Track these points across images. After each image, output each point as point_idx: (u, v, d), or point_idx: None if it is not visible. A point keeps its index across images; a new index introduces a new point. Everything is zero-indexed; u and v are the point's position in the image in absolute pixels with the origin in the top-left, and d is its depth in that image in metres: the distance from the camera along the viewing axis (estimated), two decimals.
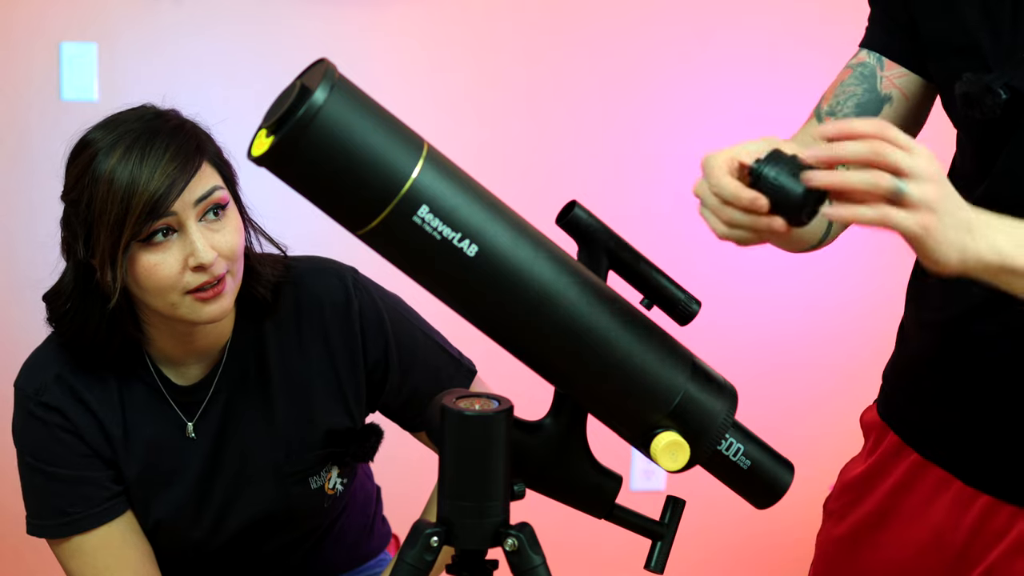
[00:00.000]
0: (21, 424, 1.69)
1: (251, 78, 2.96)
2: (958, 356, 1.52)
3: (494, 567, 1.35)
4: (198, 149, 1.59)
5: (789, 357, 3.27)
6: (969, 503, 1.54)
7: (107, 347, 1.64)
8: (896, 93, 1.54)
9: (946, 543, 1.57)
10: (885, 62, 1.54)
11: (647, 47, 3.16)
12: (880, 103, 1.54)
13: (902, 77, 1.54)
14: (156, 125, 1.58)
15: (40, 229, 1.76)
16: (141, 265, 1.56)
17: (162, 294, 1.57)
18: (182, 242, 1.56)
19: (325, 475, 1.76)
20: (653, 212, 3.18)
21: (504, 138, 3.14)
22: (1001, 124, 1.41)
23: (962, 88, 1.41)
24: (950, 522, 1.56)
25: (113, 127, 1.59)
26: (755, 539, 3.28)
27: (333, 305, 1.71)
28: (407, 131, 1.20)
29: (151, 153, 1.55)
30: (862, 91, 1.54)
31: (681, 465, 1.29)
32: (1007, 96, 1.38)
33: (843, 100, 1.55)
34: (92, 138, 1.59)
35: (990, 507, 1.53)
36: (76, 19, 2.97)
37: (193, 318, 1.59)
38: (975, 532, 1.54)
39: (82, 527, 1.67)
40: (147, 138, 1.56)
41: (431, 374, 1.76)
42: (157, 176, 1.53)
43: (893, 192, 1.18)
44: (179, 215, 1.56)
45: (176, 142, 1.57)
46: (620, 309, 1.27)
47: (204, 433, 1.71)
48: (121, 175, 1.54)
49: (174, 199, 1.54)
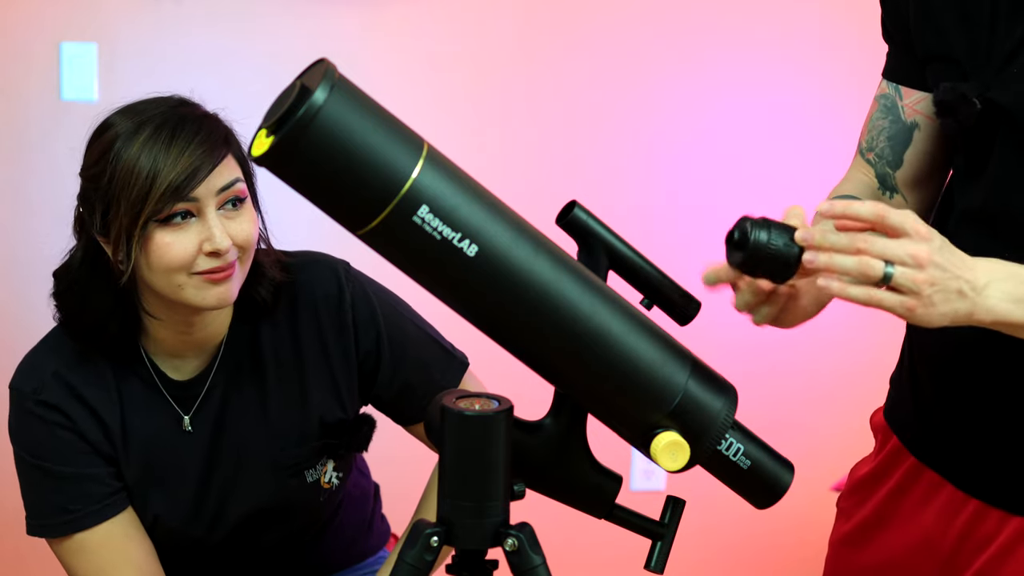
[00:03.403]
0: (19, 424, 1.69)
1: (251, 78, 2.96)
2: (952, 364, 1.52)
3: (494, 567, 1.35)
4: (225, 140, 1.62)
5: (789, 357, 3.27)
6: (959, 507, 1.55)
7: (105, 329, 1.65)
8: (921, 119, 1.55)
9: (936, 547, 1.57)
10: (903, 90, 1.56)
11: (647, 47, 3.16)
12: (909, 131, 1.56)
13: (920, 102, 1.54)
14: (184, 112, 1.61)
15: (40, 229, 1.76)
16: (155, 243, 1.57)
17: (170, 274, 1.58)
18: (200, 227, 1.58)
19: (320, 468, 1.76)
20: (653, 212, 3.18)
21: (504, 138, 3.14)
22: (981, 133, 1.43)
23: (938, 96, 1.44)
24: (940, 526, 1.57)
25: (139, 111, 1.61)
26: (755, 539, 3.28)
27: (326, 297, 1.72)
28: (407, 131, 1.20)
29: (181, 136, 1.57)
30: (889, 123, 1.57)
31: (681, 465, 1.29)
32: (981, 107, 1.40)
33: (876, 135, 1.58)
34: (115, 120, 1.61)
35: (979, 511, 1.53)
36: (76, 19, 2.97)
37: (197, 301, 1.60)
38: (964, 536, 1.54)
39: (84, 524, 1.68)
40: (176, 121, 1.59)
41: (423, 366, 1.77)
42: (185, 159, 1.56)
43: (882, 279, 1.24)
44: (200, 201, 1.57)
45: (205, 129, 1.60)
46: (620, 309, 1.27)
47: (201, 427, 1.72)
48: (148, 154, 1.56)
49: (198, 183, 1.56)
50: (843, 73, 3.09)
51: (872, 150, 1.58)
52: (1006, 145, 1.41)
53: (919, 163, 1.56)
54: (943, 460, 1.56)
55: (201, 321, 1.66)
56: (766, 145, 3.20)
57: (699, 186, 3.20)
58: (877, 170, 1.59)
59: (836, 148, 2.25)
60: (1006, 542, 1.51)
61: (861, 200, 1.33)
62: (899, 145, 1.56)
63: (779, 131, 3.20)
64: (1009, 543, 1.51)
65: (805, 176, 3.11)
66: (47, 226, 1.70)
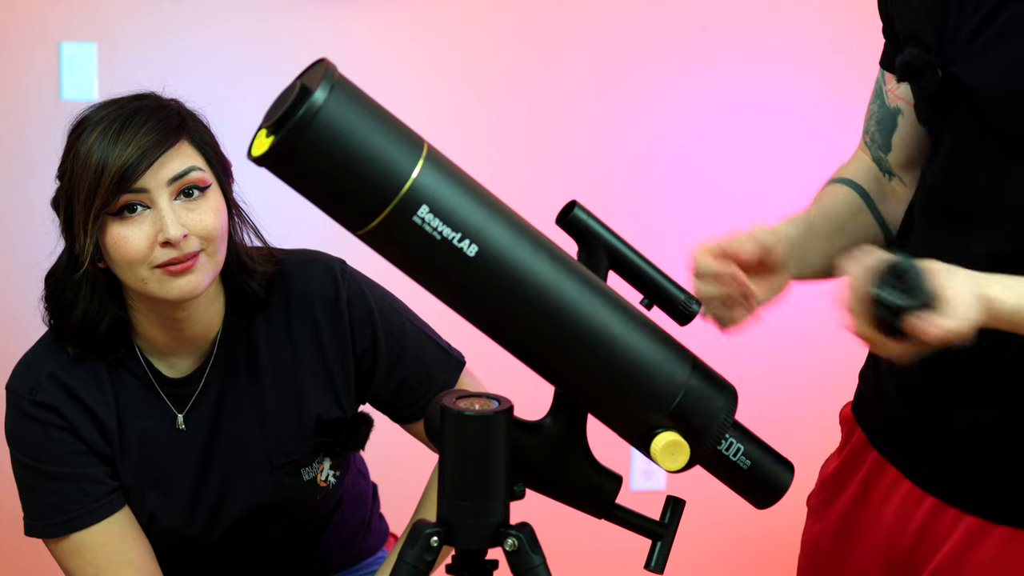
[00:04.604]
0: (15, 425, 1.69)
1: (251, 78, 2.96)
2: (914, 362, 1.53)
3: (494, 567, 1.34)
4: (178, 128, 1.60)
5: (790, 357, 3.27)
6: (917, 504, 1.55)
7: (95, 328, 1.65)
8: (902, 104, 1.58)
9: (895, 544, 1.57)
10: (887, 76, 1.59)
11: (648, 47, 3.16)
12: (894, 117, 1.59)
13: (900, 88, 1.57)
14: (138, 104, 1.61)
15: (40, 229, 1.76)
16: (111, 236, 1.58)
17: (131, 267, 1.58)
18: (153, 218, 1.58)
19: (317, 467, 1.76)
20: (654, 212, 3.18)
21: (504, 138, 3.14)
22: (941, 110, 1.45)
23: (903, 59, 1.46)
24: (899, 522, 1.57)
25: (106, 107, 1.62)
26: (755, 539, 3.28)
27: (322, 295, 1.71)
28: (407, 131, 1.20)
29: (129, 128, 1.57)
30: (877, 108, 1.61)
31: (681, 465, 1.29)
32: (942, 77, 1.42)
33: (869, 119, 1.63)
34: (85, 116, 1.63)
35: (935, 509, 1.53)
36: (76, 19, 2.97)
37: (162, 294, 1.59)
38: (921, 533, 1.55)
39: (81, 524, 1.68)
40: (128, 113, 1.59)
41: (420, 364, 1.77)
42: (130, 149, 1.56)
43: None
44: (151, 192, 1.57)
45: (155, 118, 1.59)
46: (620, 309, 1.27)
47: (195, 425, 1.71)
48: (97, 148, 1.57)
49: (143, 171, 1.56)
50: (848, 71, 3.09)
51: (867, 134, 1.63)
52: (960, 121, 1.44)
53: (907, 146, 1.60)
54: (902, 456, 1.57)
55: (188, 317, 1.66)
56: (767, 143, 3.20)
57: (699, 186, 3.20)
58: (872, 154, 1.63)
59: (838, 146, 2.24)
60: (960, 542, 1.51)
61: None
62: (886, 130, 1.60)
63: (781, 129, 3.20)
64: (963, 543, 1.51)
65: (806, 174, 3.10)
66: (47, 226, 1.70)
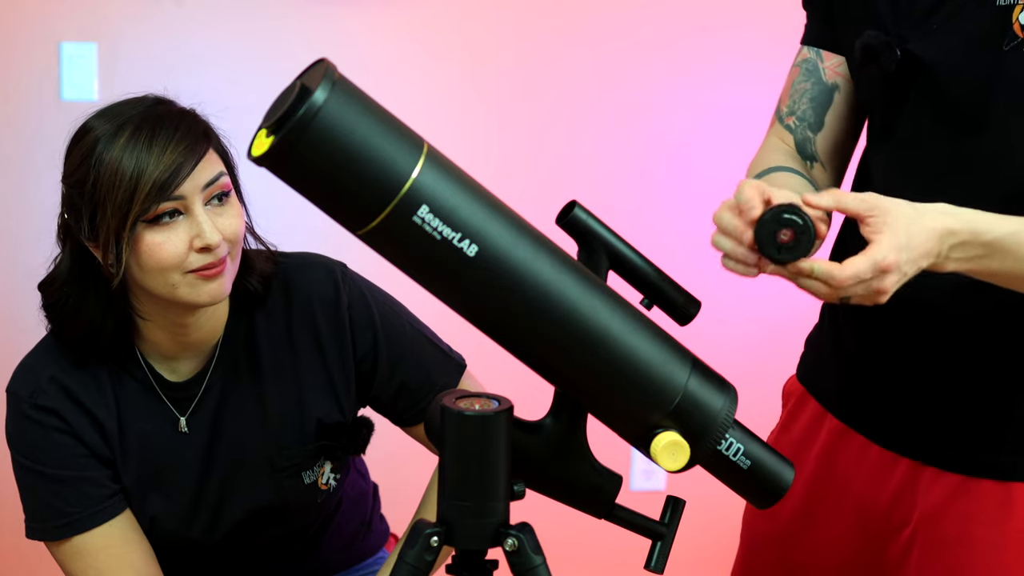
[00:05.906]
0: (15, 427, 1.69)
1: (251, 78, 2.96)
2: (878, 320, 1.52)
3: (494, 567, 1.35)
4: (205, 135, 1.61)
5: (790, 357, 3.26)
6: (890, 468, 1.55)
7: (99, 335, 1.65)
8: (840, 80, 1.60)
9: (869, 507, 1.57)
10: (823, 54, 1.61)
11: (648, 47, 3.16)
12: (830, 93, 1.61)
13: (840, 65, 1.60)
14: (161, 110, 1.61)
15: (40, 229, 1.76)
16: (146, 243, 1.57)
17: (163, 274, 1.58)
18: (188, 224, 1.58)
19: (318, 470, 1.76)
20: (653, 212, 3.18)
21: (504, 138, 3.14)
22: (898, 86, 1.46)
23: (862, 41, 1.48)
24: (872, 487, 1.57)
25: (116, 113, 1.60)
26: None
27: (322, 299, 1.71)
28: (407, 131, 1.20)
29: (160, 135, 1.57)
30: (811, 85, 1.62)
31: (681, 465, 1.29)
32: (900, 56, 1.44)
33: (798, 98, 1.63)
34: (94, 124, 1.60)
35: (911, 470, 1.54)
36: (76, 19, 2.97)
37: (192, 298, 1.59)
38: (897, 497, 1.55)
39: (83, 527, 1.67)
40: (154, 121, 1.58)
41: (420, 367, 1.77)
42: (167, 156, 1.55)
43: None
44: (187, 199, 1.57)
45: (184, 125, 1.59)
46: (620, 309, 1.27)
47: (197, 428, 1.71)
48: (130, 156, 1.55)
49: (182, 181, 1.56)
50: None
51: (793, 114, 1.63)
52: (917, 100, 1.45)
53: (837, 127, 1.61)
54: (868, 421, 1.57)
55: (196, 322, 1.66)
56: None
57: (699, 186, 3.20)
58: (797, 136, 1.62)
59: None
60: (941, 499, 1.51)
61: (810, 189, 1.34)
62: (820, 107, 1.61)
63: None
64: (944, 500, 1.51)
65: None
66: (47, 226, 1.70)
